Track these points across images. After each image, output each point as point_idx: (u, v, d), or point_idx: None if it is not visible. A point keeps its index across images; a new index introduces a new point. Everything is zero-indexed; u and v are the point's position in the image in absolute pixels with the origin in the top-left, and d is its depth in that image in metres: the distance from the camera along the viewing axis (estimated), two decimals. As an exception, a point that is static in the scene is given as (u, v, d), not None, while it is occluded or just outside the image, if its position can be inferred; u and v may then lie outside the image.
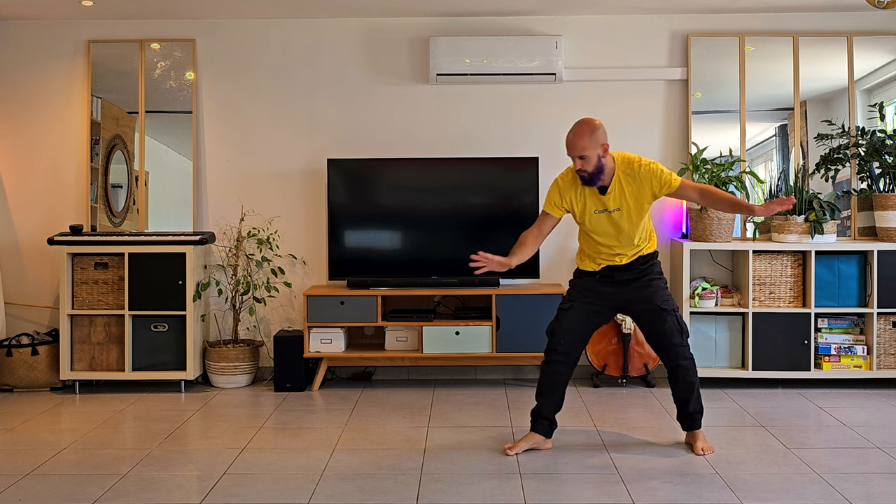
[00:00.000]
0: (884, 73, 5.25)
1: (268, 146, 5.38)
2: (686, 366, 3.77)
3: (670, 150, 5.33)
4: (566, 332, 3.79)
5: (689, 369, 3.78)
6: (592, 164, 3.62)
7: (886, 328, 4.92)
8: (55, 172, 5.36)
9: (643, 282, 3.78)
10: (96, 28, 5.34)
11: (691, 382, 3.79)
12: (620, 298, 3.80)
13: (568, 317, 3.80)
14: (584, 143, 3.60)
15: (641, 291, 3.77)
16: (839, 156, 5.10)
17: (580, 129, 3.63)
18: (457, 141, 5.33)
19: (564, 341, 3.79)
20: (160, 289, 4.97)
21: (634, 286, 3.78)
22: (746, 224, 5.25)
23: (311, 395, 4.95)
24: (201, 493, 3.30)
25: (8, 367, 5.02)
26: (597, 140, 3.61)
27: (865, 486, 3.31)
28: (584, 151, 3.60)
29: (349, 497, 3.24)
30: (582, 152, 3.60)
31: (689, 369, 3.78)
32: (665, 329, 3.74)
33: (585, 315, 3.81)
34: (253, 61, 5.35)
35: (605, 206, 3.70)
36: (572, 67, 5.28)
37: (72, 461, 3.72)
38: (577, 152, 3.61)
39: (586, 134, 3.60)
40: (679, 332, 3.75)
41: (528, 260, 5.09)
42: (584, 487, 3.33)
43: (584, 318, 3.81)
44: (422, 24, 5.30)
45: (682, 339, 3.75)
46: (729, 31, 5.28)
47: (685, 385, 3.80)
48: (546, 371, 3.84)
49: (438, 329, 4.94)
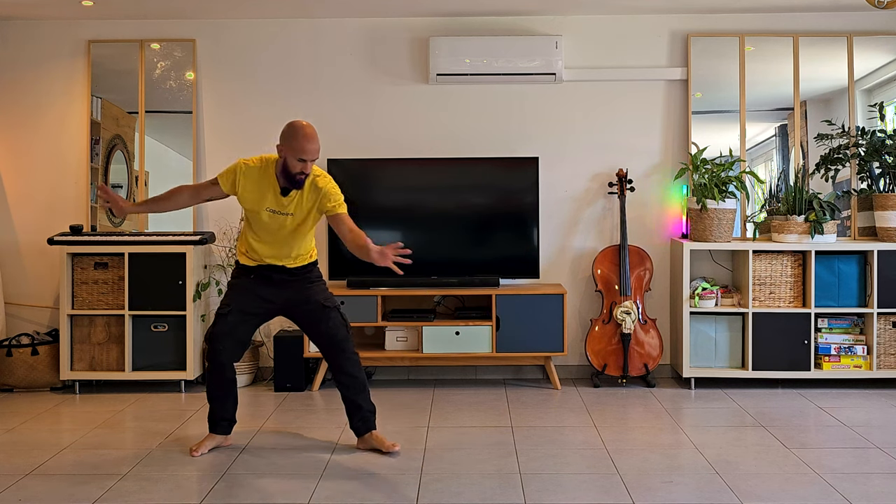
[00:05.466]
0: (884, 73, 5.25)
1: (268, 146, 5.35)
2: (355, 360, 3.83)
3: (670, 150, 5.33)
4: (226, 336, 3.75)
5: (358, 364, 3.83)
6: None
7: (886, 328, 4.92)
8: (55, 172, 5.36)
9: (303, 283, 3.81)
10: (96, 28, 5.34)
11: (362, 380, 3.84)
12: (281, 299, 3.80)
13: (227, 322, 3.75)
14: (318, 149, 3.61)
15: (301, 292, 3.80)
16: (839, 156, 5.10)
17: (314, 135, 3.61)
18: (457, 141, 5.33)
19: (224, 347, 3.75)
20: (160, 289, 4.97)
21: (294, 287, 3.80)
22: (746, 224, 5.25)
23: (311, 395, 4.95)
24: (201, 493, 3.30)
25: (8, 367, 5.02)
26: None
27: (865, 486, 3.31)
28: (316, 156, 3.61)
29: (349, 497, 3.24)
30: (315, 157, 3.61)
31: (358, 364, 3.83)
32: (330, 325, 3.77)
33: (243, 320, 3.78)
34: (253, 61, 5.35)
35: (282, 209, 3.68)
36: (572, 67, 5.28)
37: (72, 461, 3.72)
38: (314, 156, 3.60)
39: (318, 139, 3.62)
40: (344, 326, 3.81)
41: (527, 260, 5.15)
42: (584, 487, 3.33)
43: (242, 322, 3.78)
44: (422, 24, 5.30)
45: (347, 334, 3.81)
46: (729, 31, 5.28)
47: (357, 385, 3.82)
48: (214, 377, 3.81)
49: (438, 329, 4.94)
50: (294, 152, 3.57)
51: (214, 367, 3.80)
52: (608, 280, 5.13)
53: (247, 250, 3.81)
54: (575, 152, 5.33)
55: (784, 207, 5.10)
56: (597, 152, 5.32)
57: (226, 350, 3.76)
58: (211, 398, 3.86)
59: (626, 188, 5.18)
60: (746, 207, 5.27)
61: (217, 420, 3.87)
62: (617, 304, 5.06)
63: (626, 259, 5.09)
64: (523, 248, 5.16)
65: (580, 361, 5.32)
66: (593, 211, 5.33)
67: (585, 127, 5.32)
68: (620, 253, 5.11)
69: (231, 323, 3.75)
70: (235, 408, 3.91)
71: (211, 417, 3.88)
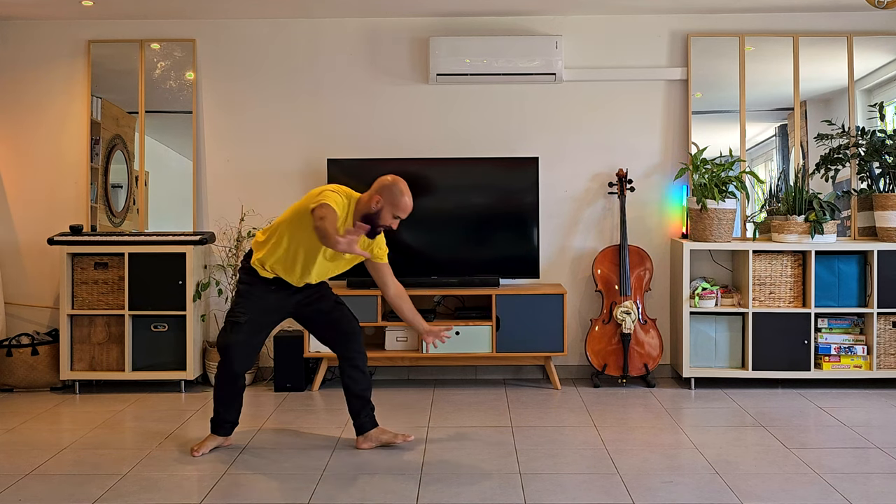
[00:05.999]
0: (884, 73, 5.25)
1: (268, 146, 5.38)
2: (365, 356, 3.88)
3: (670, 150, 5.33)
4: (242, 346, 3.73)
5: (366, 360, 3.90)
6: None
7: (886, 328, 4.92)
8: (55, 172, 5.36)
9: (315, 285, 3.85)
10: (96, 28, 5.34)
11: (369, 377, 3.90)
12: (293, 302, 3.81)
13: (242, 331, 3.72)
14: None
15: (315, 292, 3.84)
16: (839, 156, 5.10)
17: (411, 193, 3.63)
18: (457, 141, 5.33)
19: (239, 357, 3.73)
20: (160, 289, 4.97)
21: (306, 289, 3.82)
22: (746, 224, 5.25)
23: (311, 395, 4.95)
24: (201, 493, 3.30)
25: (8, 367, 5.02)
26: None
27: (865, 486, 3.31)
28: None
29: (349, 497, 3.24)
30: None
31: (366, 360, 3.90)
32: (343, 320, 3.83)
33: (259, 328, 3.79)
34: (253, 61, 5.35)
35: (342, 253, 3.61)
36: (572, 67, 5.28)
37: (72, 461, 3.72)
38: (407, 215, 3.64)
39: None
40: (355, 320, 3.88)
41: (527, 260, 5.15)
42: (584, 487, 3.33)
43: (258, 331, 3.79)
44: (422, 24, 5.30)
45: (359, 329, 3.89)
46: (729, 31, 5.29)
47: (366, 381, 3.87)
48: (226, 385, 3.81)
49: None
50: (394, 208, 3.57)
51: (228, 377, 3.78)
52: (608, 280, 5.13)
53: (269, 268, 3.71)
54: (575, 152, 5.33)
55: (784, 207, 5.10)
56: (597, 152, 5.32)
57: (240, 360, 3.75)
58: (218, 401, 3.86)
59: (626, 188, 5.18)
60: (746, 207, 5.27)
61: (221, 422, 3.87)
62: (617, 304, 5.06)
63: (626, 259, 5.09)
64: (523, 248, 5.16)
65: (580, 361, 5.32)
66: (593, 211, 5.33)
67: (585, 127, 5.32)
68: (620, 253, 5.11)
69: (246, 332, 3.73)
70: (240, 411, 3.91)
71: (215, 419, 3.88)
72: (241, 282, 3.79)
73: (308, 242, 3.59)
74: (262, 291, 3.74)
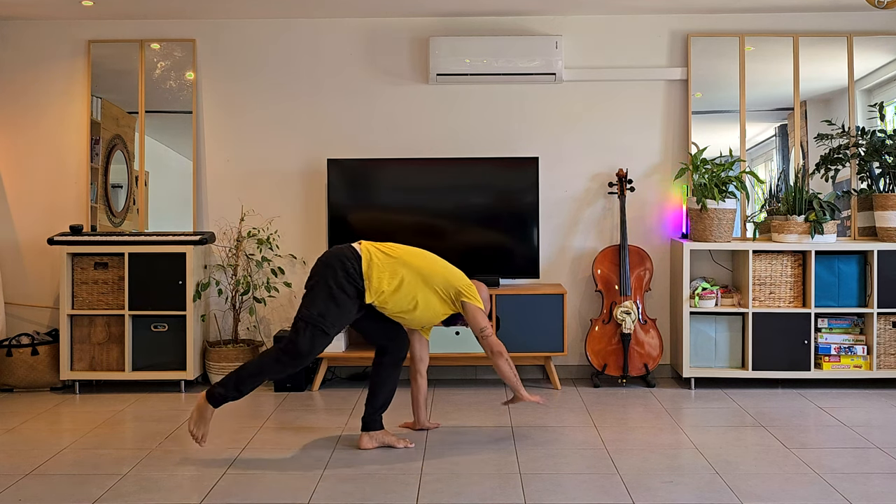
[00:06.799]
0: (884, 73, 5.25)
1: (268, 146, 5.38)
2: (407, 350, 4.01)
3: (670, 150, 5.33)
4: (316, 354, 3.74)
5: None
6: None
7: (886, 328, 4.92)
8: (55, 172, 5.36)
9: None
10: (96, 28, 5.34)
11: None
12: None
13: (325, 343, 3.70)
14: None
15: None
16: (839, 156, 5.10)
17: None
18: (457, 141, 5.33)
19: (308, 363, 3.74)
20: (160, 289, 4.97)
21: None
22: (746, 224, 5.25)
23: (311, 395, 4.95)
24: (201, 494, 3.30)
25: (8, 367, 5.02)
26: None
27: (865, 486, 3.31)
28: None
29: (349, 497, 3.24)
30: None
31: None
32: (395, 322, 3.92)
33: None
34: (253, 61, 5.36)
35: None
36: (572, 67, 5.28)
37: (72, 461, 3.72)
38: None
39: None
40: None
41: (527, 260, 5.15)
42: (584, 487, 3.33)
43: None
44: (422, 24, 5.30)
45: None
46: (729, 31, 5.29)
47: (397, 378, 3.97)
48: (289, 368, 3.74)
49: (438, 329, 4.94)
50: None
51: (285, 370, 3.70)
52: (608, 280, 5.13)
53: (377, 295, 3.70)
54: (575, 152, 5.33)
55: (784, 207, 5.10)
56: (597, 152, 5.32)
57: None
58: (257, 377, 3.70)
59: (626, 188, 5.18)
60: (746, 207, 5.27)
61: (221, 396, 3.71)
62: (617, 304, 5.06)
63: (626, 259, 5.09)
64: (523, 248, 5.16)
65: (580, 361, 5.32)
66: (593, 211, 5.34)
67: (585, 127, 5.33)
68: (620, 253, 5.11)
69: (328, 344, 3.72)
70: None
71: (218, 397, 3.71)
72: (343, 290, 3.66)
73: (433, 320, 3.89)
74: (355, 308, 3.72)
